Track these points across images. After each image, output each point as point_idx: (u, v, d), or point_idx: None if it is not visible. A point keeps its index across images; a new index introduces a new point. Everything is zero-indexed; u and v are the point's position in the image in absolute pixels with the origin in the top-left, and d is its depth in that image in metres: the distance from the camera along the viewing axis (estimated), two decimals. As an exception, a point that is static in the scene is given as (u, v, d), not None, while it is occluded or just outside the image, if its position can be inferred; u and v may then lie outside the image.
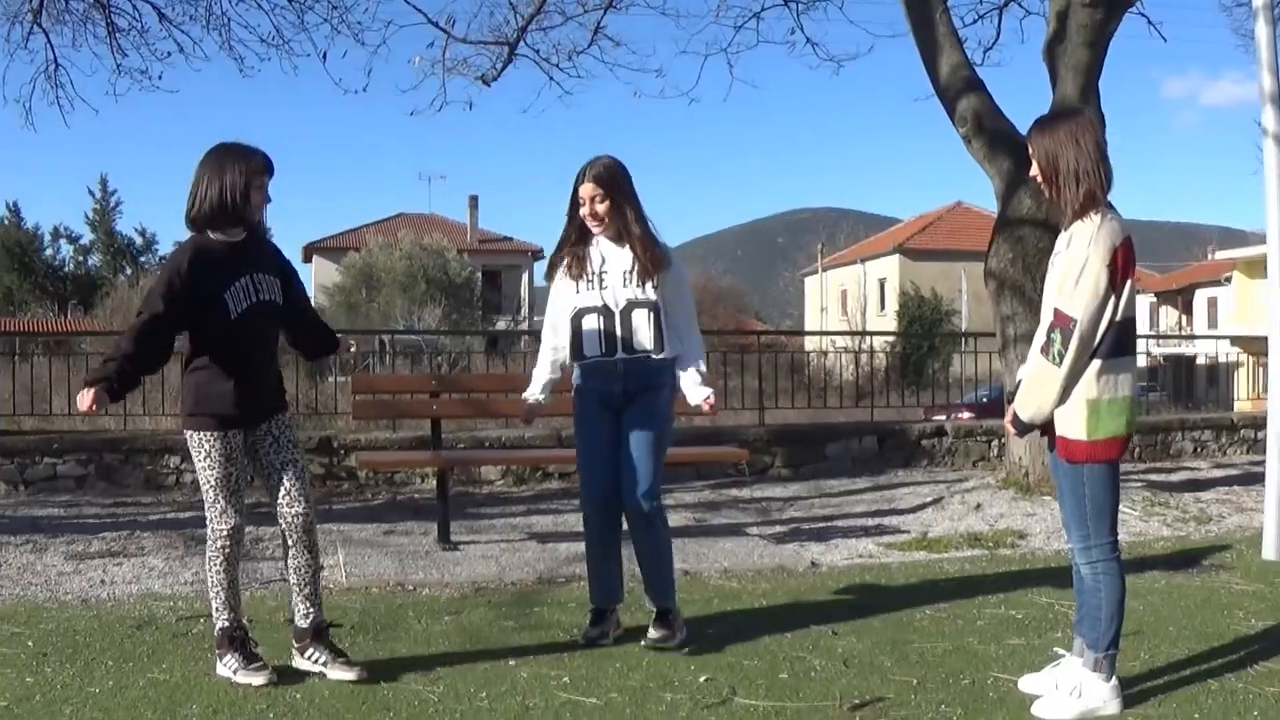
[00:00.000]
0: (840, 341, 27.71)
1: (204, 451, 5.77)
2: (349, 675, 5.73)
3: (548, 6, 15.50)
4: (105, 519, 10.73)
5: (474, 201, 73.62)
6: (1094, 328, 5.08)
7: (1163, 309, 74.01)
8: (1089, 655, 5.29)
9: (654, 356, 6.44)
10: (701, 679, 5.76)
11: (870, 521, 10.92)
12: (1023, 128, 12.22)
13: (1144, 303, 78.73)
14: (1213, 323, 65.86)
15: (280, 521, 5.94)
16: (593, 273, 6.50)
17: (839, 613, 7.24)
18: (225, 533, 5.79)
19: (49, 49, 16.05)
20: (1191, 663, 5.96)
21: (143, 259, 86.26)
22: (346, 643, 6.18)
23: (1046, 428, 5.35)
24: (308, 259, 67.59)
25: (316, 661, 5.84)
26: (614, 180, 6.43)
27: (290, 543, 5.93)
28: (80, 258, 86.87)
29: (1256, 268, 50.27)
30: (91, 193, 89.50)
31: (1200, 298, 71.08)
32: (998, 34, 16.29)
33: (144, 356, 5.65)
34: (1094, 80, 12.03)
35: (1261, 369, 25.74)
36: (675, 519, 10.00)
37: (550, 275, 6.76)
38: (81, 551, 9.18)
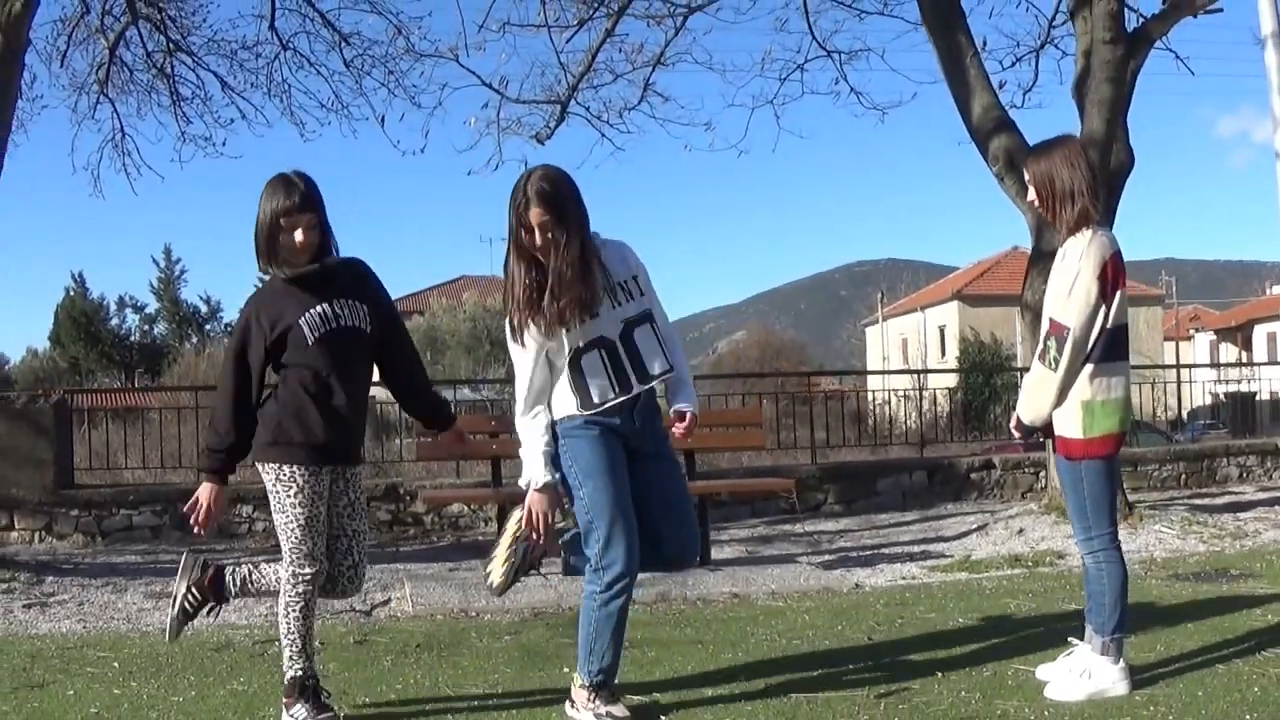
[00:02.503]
0: (900, 386, 27.88)
1: (293, 487, 5.42)
2: None
3: (597, 65, 16.02)
4: (180, 565, 11.18)
5: (535, 263, 74.01)
6: (1086, 335, 5.47)
7: (1223, 345, 73.69)
8: (1096, 640, 5.65)
9: (668, 374, 5.50)
10: (741, 674, 6.13)
11: (916, 549, 11.27)
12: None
13: (1204, 340, 78.27)
14: (1273, 357, 65.54)
15: (330, 581, 5.66)
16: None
17: (876, 622, 7.62)
18: (308, 578, 5.46)
19: (115, 118, 16.76)
20: (1203, 652, 6.28)
21: (208, 326, 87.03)
22: (411, 659, 6.56)
23: (1047, 429, 5.75)
24: (373, 323, 68.13)
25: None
26: (559, 196, 5.23)
27: (326, 596, 5.75)
28: (146, 326, 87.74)
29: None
30: (156, 262, 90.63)
31: (1260, 333, 70.80)
32: (1035, 76, 16.67)
33: (244, 429, 5.50)
34: (1119, 115, 12.40)
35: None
36: (728, 552, 10.45)
37: (517, 335, 5.38)
38: (160, 591, 9.63)
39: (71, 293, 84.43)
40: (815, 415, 17.85)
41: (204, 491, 5.54)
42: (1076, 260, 5.49)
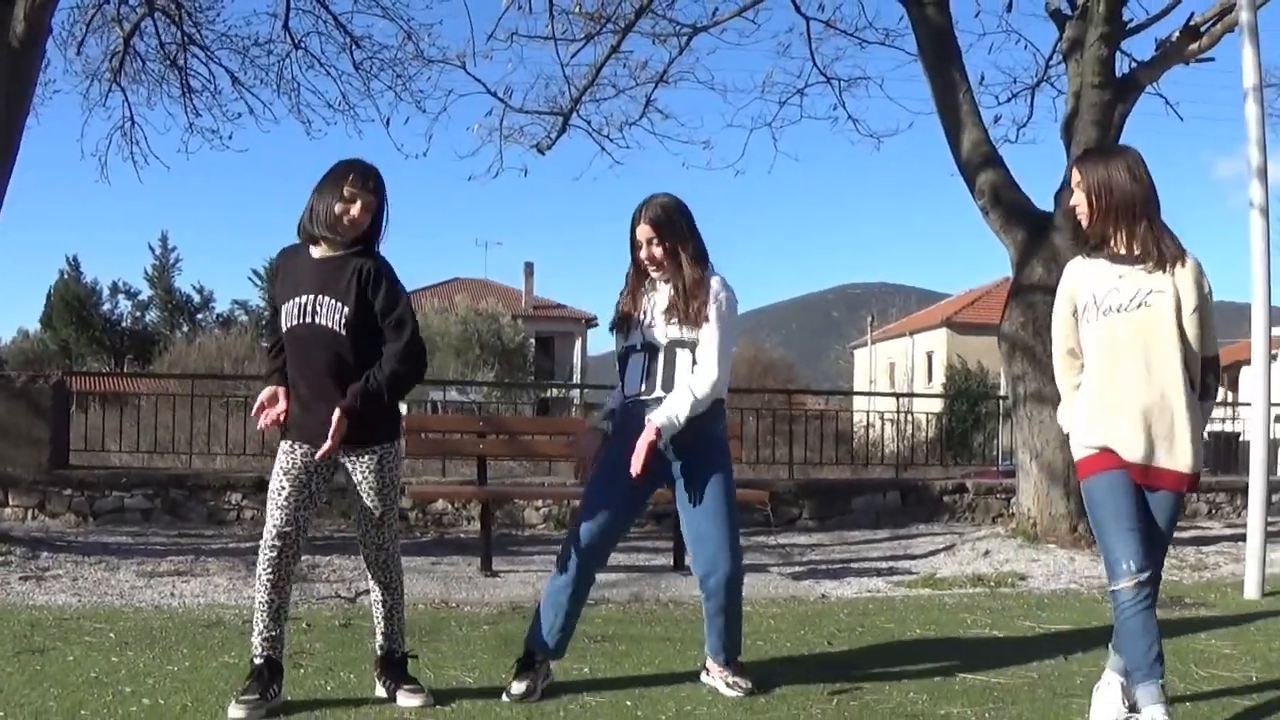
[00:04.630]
0: (884, 408, 28.18)
1: (279, 461, 5.73)
2: (414, 702, 5.69)
3: (601, 79, 16.33)
4: (170, 546, 11.56)
5: (529, 268, 74.08)
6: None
7: (1212, 385, 73.77)
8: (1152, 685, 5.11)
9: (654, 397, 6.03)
10: (701, 669, 6.45)
11: (884, 565, 11.62)
12: (1038, 201, 13.01)
13: (1193, 380, 78.11)
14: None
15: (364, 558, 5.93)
16: (644, 311, 6.13)
17: (837, 629, 7.99)
18: (265, 548, 5.61)
19: (126, 106, 17.03)
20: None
21: (199, 316, 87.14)
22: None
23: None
24: (364, 321, 68.05)
25: (386, 687, 5.85)
26: (670, 221, 6.04)
27: (371, 577, 5.93)
28: (138, 313, 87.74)
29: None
30: (152, 249, 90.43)
31: (1246, 374, 70.96)
32: (1030, 112, 17.06)
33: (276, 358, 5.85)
34: (1104, 157, 12.74)
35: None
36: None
37: (614, 325, 6.34)
38: (151, 571, 9.98)
39: (65, 276, 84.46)
40: (797, 433, 18.17)
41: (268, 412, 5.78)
42: (1207, 291, 5.28)
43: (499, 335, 60.93)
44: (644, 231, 6.03)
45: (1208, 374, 5.29)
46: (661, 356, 6.03)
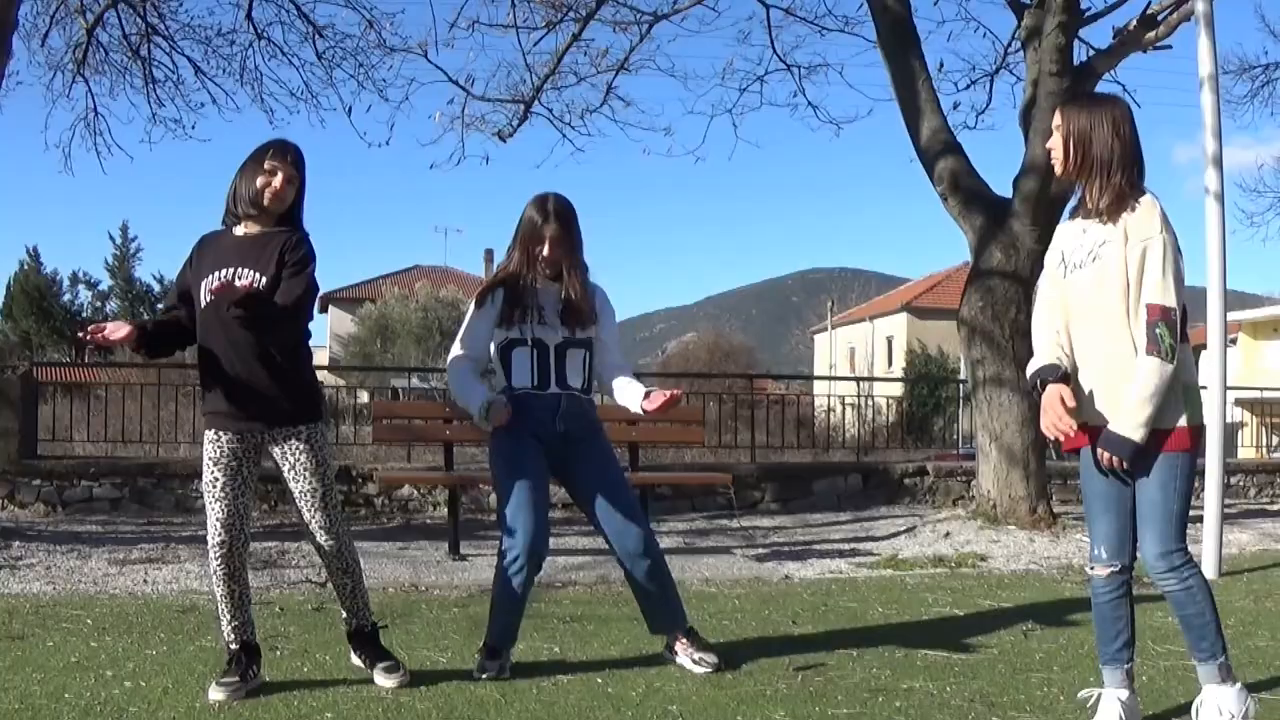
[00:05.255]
0: (845, 393, 28.39)
1: (204, 453, 5.73)
2: (390, 683, 5.77)
3: (562, 67, 16.49)
4: (140, 535, 11.65)
5: (489, 255, 73.72)
6: (1184, 315, 4.84)
7: (1168, 370, 74.25)
8: (1209, 668, 4.98)
9: (583, 396, 6.40)
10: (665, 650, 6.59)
11: (846, 546, 11.80)
12: (997, 187, 13.18)
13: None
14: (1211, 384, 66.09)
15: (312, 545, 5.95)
16: (528, 307, 6.28)
17: (801, 609, 8.16)
18: (214, 547, 5.66)
19: (89, 97, 17.10)
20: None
21: (160, 306, 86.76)
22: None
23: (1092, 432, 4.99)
24: (324, 309, 68.09)
25: (364, 664, 5.93)
26: (575, 228, 6.33)
27: (324, 564, 5.98)
28: (98, 303, 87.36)
29: (1262, 329, 50.73)
30: (112, 238, 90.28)
31: (1204, 358, 71.50)
32: (989, 99, 17.25)
33: (163, 327, 5.78)
34: (1060, 144, 12.91)
35: (1265, 429, 26.50)
36: (666, 543, 10.86)
37: (481, 301, 6.42)
38: (123, 559, 10.07)
39: (25, 266, 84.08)
40: (758, 418, 18.34)
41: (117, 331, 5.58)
42: (1157, 232, 4.79)
43: (459, 323, 60.77)
44: (554, 231, 6.23)
45: (1153, 324, 4.75)
46: (553, 354, 6.29)
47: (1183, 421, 4.86)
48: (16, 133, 21.04)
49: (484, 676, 6.00)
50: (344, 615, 6.02)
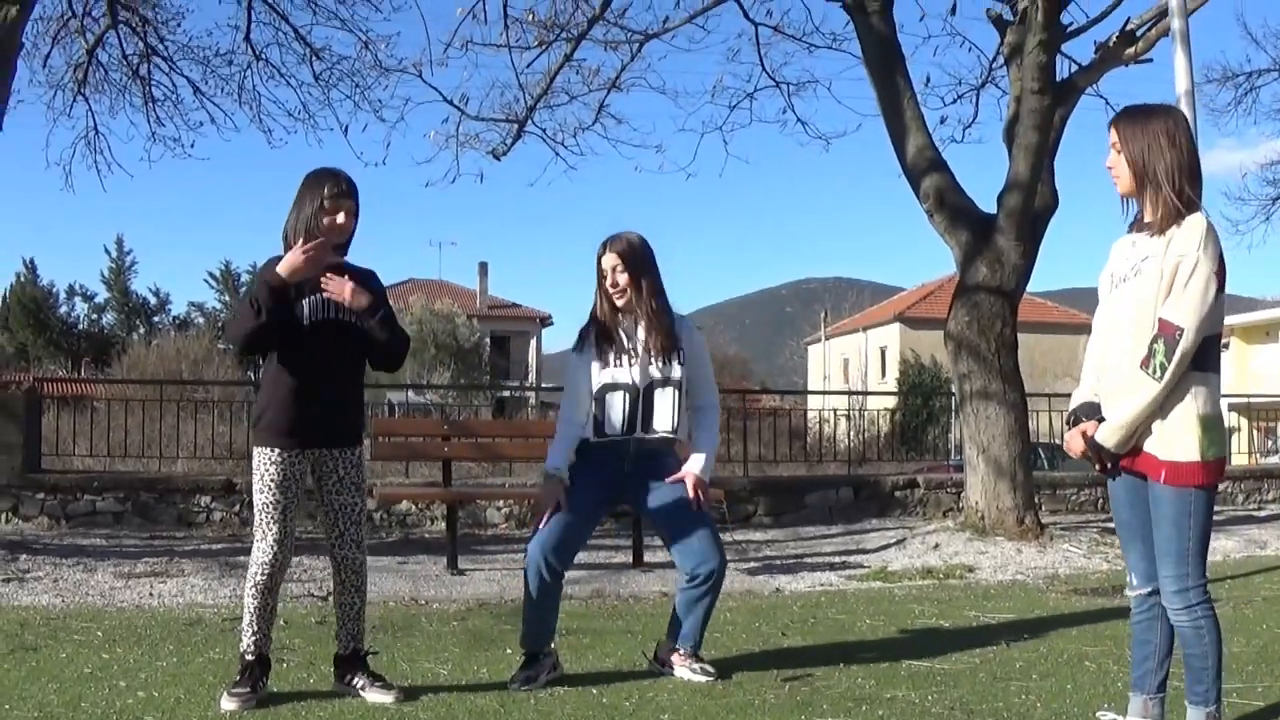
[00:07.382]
0: (839, 406, 28.61)
1: (261, 472, 5.81)
2: (386, 699, 5.86)
3: (554, 86, 16.68)
4: (144, 548, 11.83)
5: (484, 268, 74.09)
6: (1198, 339, 4.59)
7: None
8: (1198, 711, 4.90)
9: (669, 436, 6.51)
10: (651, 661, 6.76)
11: (837, 559, 12.02)
12: (985, 200, 13.39)
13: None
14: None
15: (332, 559, 6.10)
16: (621, 349, 6.46)
17: (790, 621, 8.38)
18: (265, 564, 5.83)
19: (90, 116, 17.33)
20: (1081, 653, 7.05)
21: (155, 319, 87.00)
22: (369, 640, 6.78)
23: (1113, 458, 4.87)
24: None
25: (356, 685, 5.98)
26: (634, 254, 6.46)
27: (339, 580, 6.09)
28: (95, 315, 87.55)
29: (1254, 333, 50.90)
30: (108, 251, 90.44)
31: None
32: (975, 112, 17.47)
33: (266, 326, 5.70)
34: (1044, 160, 13.18)
35: (1258, 432, 26.64)
36: (660, 556, 11.09)
37: (579, 346, 6.59)
38: (129, 572, 10.28)
39: (22, 278, 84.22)
40: (752, 431, 18.52)
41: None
42: (1194, 249, 4.61)
43: (454, 335, 61.06)
44: (609, 260, 6.44)
45: (1153, 339, 4.62)
46: (640, 397, 6.43)
47: (1194, 455, 4.66)
48: (14, 148, 21.19)
49: (513, 686, 6.17)
50: (340, 638, 6.14)
